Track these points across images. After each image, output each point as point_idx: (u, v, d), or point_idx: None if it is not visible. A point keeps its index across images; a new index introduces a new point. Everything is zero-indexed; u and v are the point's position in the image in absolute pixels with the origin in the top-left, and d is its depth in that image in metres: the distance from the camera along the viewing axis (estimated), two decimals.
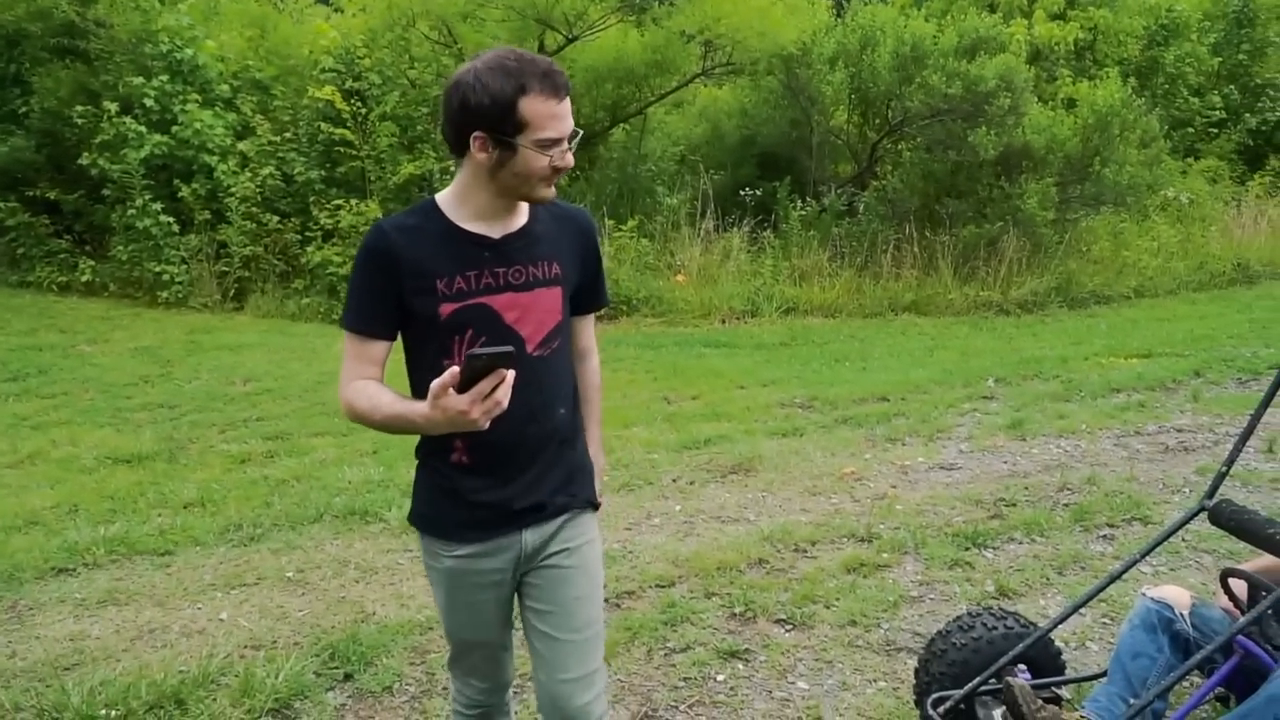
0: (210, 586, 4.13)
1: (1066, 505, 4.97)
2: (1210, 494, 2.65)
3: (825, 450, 5.93)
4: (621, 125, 12.82)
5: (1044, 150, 11.50)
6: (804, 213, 11.97)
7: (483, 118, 1.86)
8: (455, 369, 1.72)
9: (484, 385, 1.73)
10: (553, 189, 1.99)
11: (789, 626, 3.79)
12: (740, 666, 3.51)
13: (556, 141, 1.89)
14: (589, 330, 2.31)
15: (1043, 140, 11.45)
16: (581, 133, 1.97)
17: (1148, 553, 2.70)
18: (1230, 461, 2.64)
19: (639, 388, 7.44)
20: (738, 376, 7.86)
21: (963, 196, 11.78)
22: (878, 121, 12.99)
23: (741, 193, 12.41)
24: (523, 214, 2.05)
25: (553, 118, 1.87)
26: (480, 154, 1.90)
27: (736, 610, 3.88)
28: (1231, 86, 18.50)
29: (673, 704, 3.26)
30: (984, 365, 8.18)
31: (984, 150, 11.06)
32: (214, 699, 3.25)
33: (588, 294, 2.21)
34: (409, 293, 1.95)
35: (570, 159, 1.94)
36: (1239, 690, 2.62)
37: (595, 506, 2.26)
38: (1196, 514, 2.66)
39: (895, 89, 11.90)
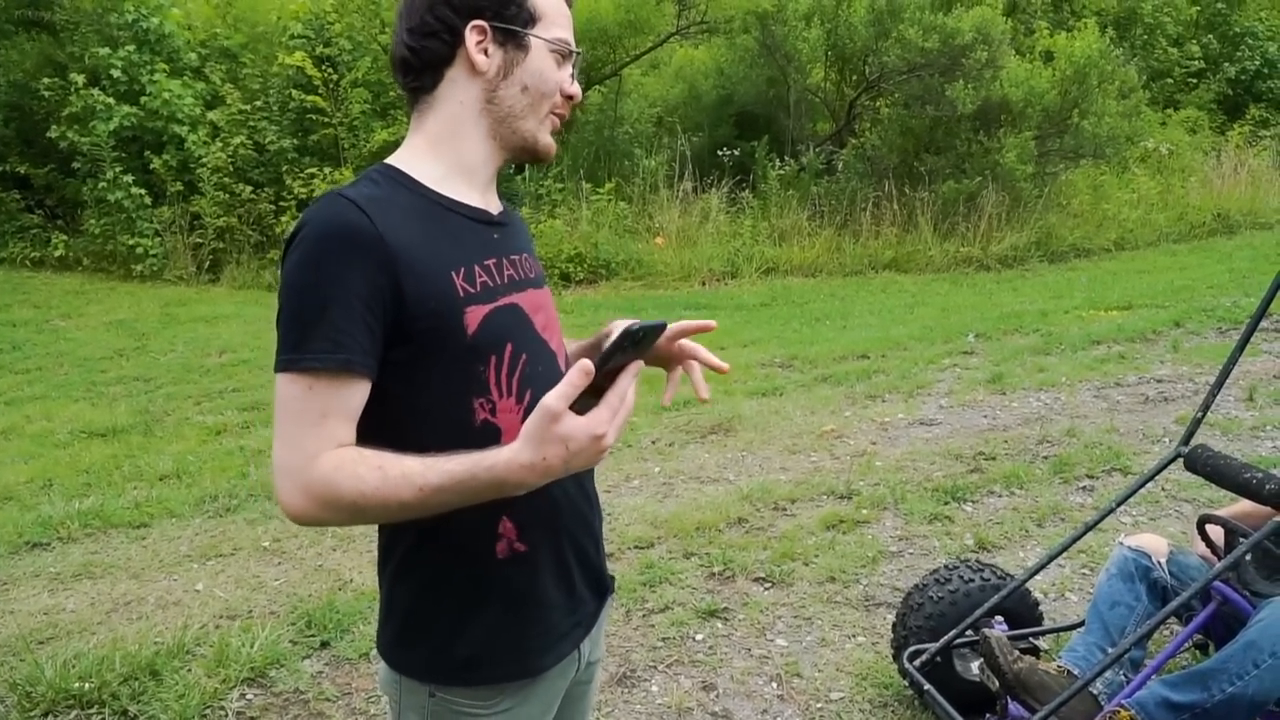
0: (186, 558, 4.08)
1: (1046, 458, 4.96)
2: (1186, 440, 2.62)
3: (805, 409, 5.90)
4: (597, 87, 12.65)
5: (1022, 104, 11.41)
6: (782, 172, 11.87)
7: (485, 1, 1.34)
8: (586, 364, 1.10)
9: (624, 384, 1.16)
10: (553, 140, 1.44)
11: (768, 584, 3.77)
12: (719, 625, 3.49)
13: (569, 54, 1.40)
14: None
15: (1021, 93, 11.35)
16: (581, 56, 1.48)
17: (1124, 501, 2.67)
18: (1206, 407, 2.61)
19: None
20: (718, 338, 7.80)
21: (941, 152, 11.69)
22: (855, 78, 12.86)
23: (719, 153, 12.29)
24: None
25: (565, 17, 1.40)
26: (479, 55, 1.34)
27: (715, 570, 3.86)
28: (1210, 36, 18.41)
29: (651, 664, 3.24)
30: (964, 321, 8.15)
31: (962, 105, 10.96)
32: (189, 669, 3.20)
33: None
34: (412, 297, 1.24)
35: (579, 89, 1.44)
36: (1217, 637, 2.61)
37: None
38: (1172, 460, 2.64)
39: (872, 44, 11.77)
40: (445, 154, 1.36)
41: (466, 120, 1.36)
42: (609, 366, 1.13)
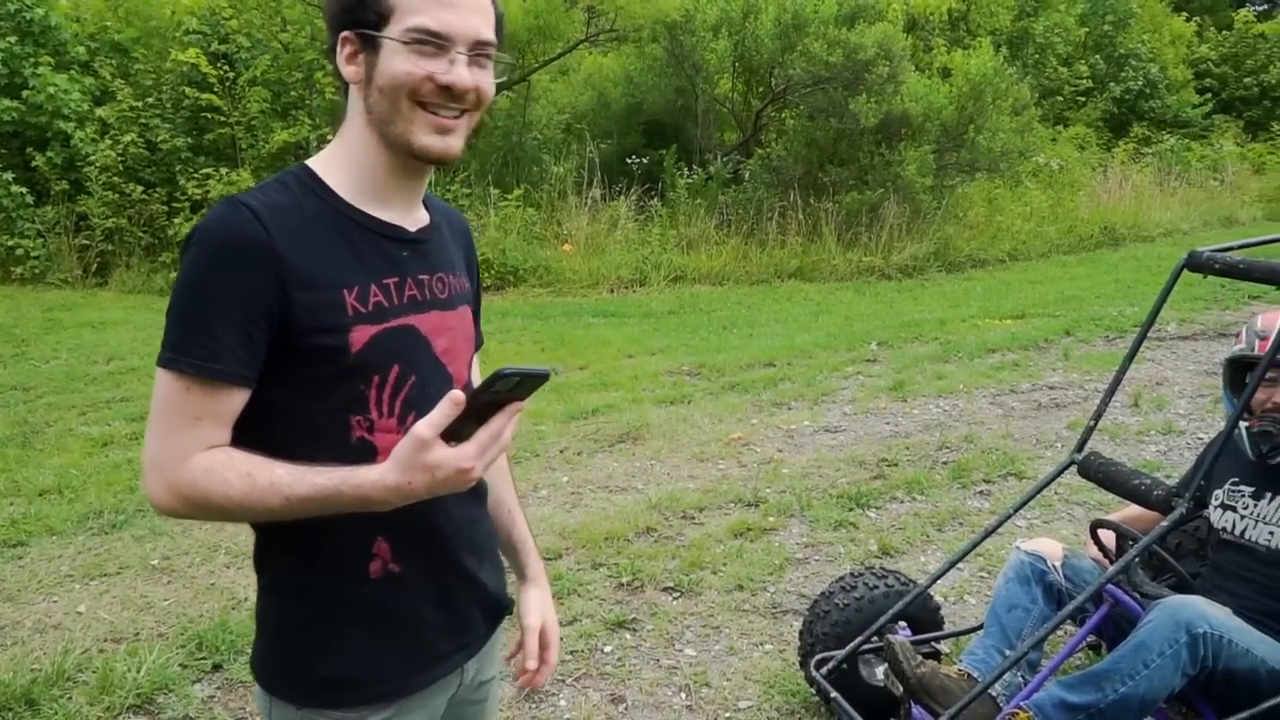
0: (67, 578, 3.88)
1: (945, 463, 5.08)
2: (1079, 448, 2.70)
3: (713, 417, 5.93)
4: (505, 93, 12.56)
5: (922, 118, 11.73)
6: (690, 181, 11.96)
7: (345, 6, 1.29)
8: (457, 395, 1.12)
9: (499, 424, 1.17)
10: (449, 140, 1.31)
11: (677, 594, 3.76)
12: (628, 636, 3.46)
13: (439, 38, 1.26)
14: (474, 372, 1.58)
15: (920, 108, 11.67)
16: (499, 52, 1.34)
17: (1020, 507, 2.74)
18: (1098, 415, 2.70)
19: (526, 359, 7.30)
20: (626, 345, 7.81)
21: (845, 164, 11.93)
22: (761, 89, 13.04)
23: (628, 161, 12.32)
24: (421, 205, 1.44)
25: (436, 2, 1.26)
26: (348, 66, 1.30)
27: (624, 580, 3.83)
28: (1097, 56, 19.24)
29: (559, 678, 3.20)
30: (867, 329, 8.32)
31: (864, 118, 11.21)
32: (69, 698, 3.04)
33: (475, 324, 1.53)
34: (299, 311, 1.24)
35: (465, 74, 1.28)
36: (1110, 638, 2.69)
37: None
38: (1067, 468, 2.72)
39: (778, 56, 11.94)
40: (353, 164, 1.34)
41: (361, 131, 1.33)
42: (483, 400, 1.14)
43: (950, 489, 4.74)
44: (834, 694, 2.58)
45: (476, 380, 1.52)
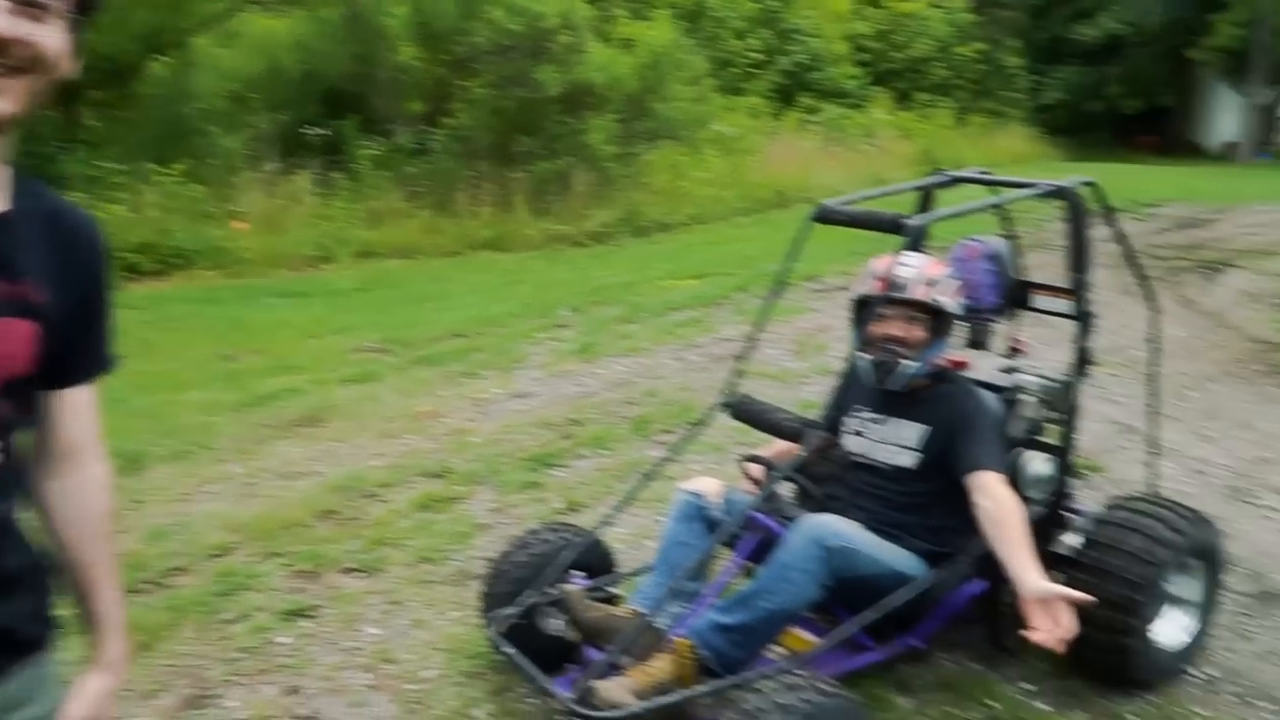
0: None
1: (628, 418, 5.29)
2: (727, 391, 2.89)
3: (401, 392, 5.81)
4: (160, 58, 11.55)
5: (605, 88, 12.04)
6: (375, 152, 11.59)
7: None
8: None
9: None
10: None
11: (359, 574, 3.67)
12: (306, 624, 3.34)
13: None
14: (85, 416, 1.37)
15: (603, 78, 11.97)
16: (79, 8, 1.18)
17: (678, 450, 2.90)
18: (743, 359, 2.89)
19: (193, 347, 6.78)
20: (309, 326, 7.47)
21: (533, 133, 12.02)
22: (445, 58, 12.84)
23: (306, 132, 11.72)
24: None
25: None
26: None
27: (302, 568, 3.68)
28: (767, 30, 20.54)
29: (228, 678, 3.02)
30: (559, 296, 8.47)
31: (549, 87, 11.34)
32: None
33: (81, 350, 1.32)
34: None
35: (2, 23, 1.12)
36: (762, 562, 2.90)
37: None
38: (717, 410, 2.90)
39: (460, 24, 11.80)
40: None
41: None
42: None
43: (632, 442, 4.95)
44: (508, 649, 2.62)
45: (72, 419, 1.35)
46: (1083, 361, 2.96)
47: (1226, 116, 27.71)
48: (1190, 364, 6.56)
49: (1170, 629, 3.09)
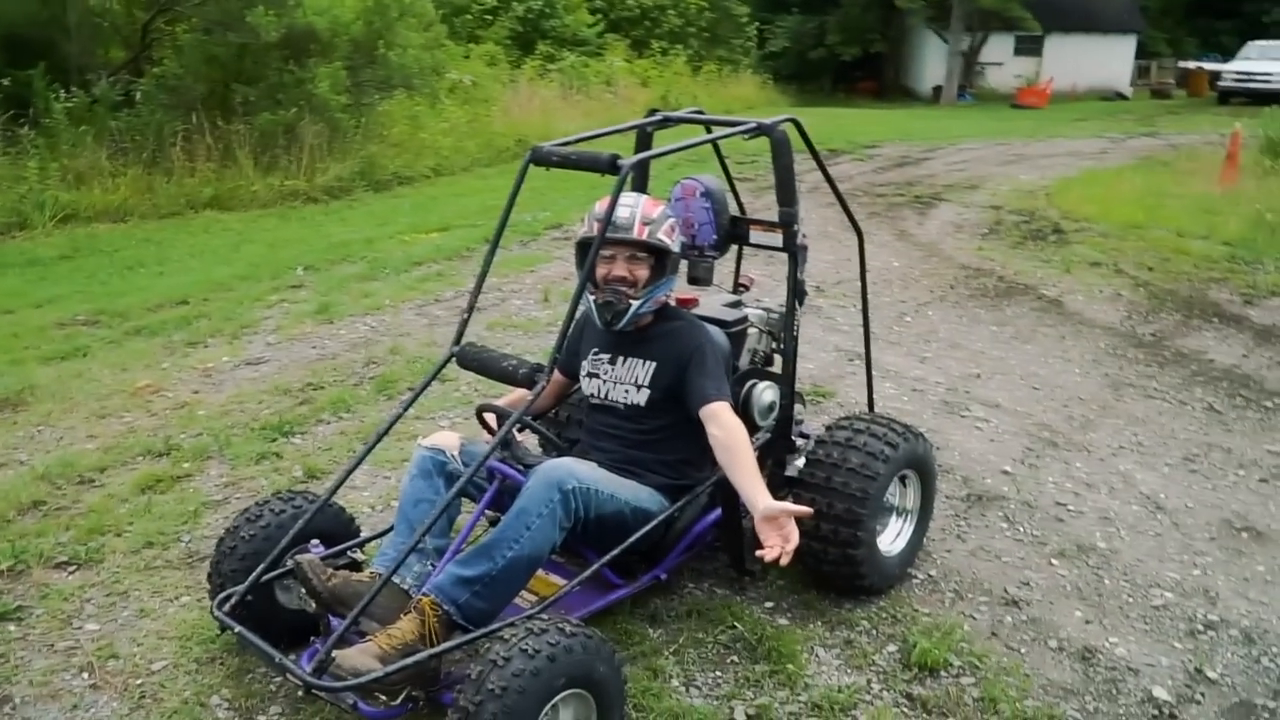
0: None
1: (372, 378, 5.13)
2: (456, 340, 2.84)
3: (115, 367, 5.34)
4: None
5: (329, 33, 11.42)
6: (71, 105, 10.47)
7: None
8: None
9: None
10: None
11: (73, 567, 3.36)
12: (12, 628, 3.03)
13: None
14: None
15: (325, 22, 11.35)
16: None
17: (409, 405, 2.83)
18: (470, 308, 2.85)
19: None
20: (2, 301, 6.72)
21: (253, 82, 11.24)
22: (145, 0, 11.76)
23: None
24: None
25: None
26: None
27: (3, 566, 3.33)
28: None
29: None
30: (293, 255, 8.04)
31: (265, 32, 10.62)
32: None
33: None
34: None
35: None
36: (505, 511, 2.90)
37: None
38: (447, 361, 2.85)
39: None
40: None
41: None
42: None
43: (376, 402, 4.81)
44: (238, 628, 2.48)
45: None
46: (796, 292, 3.12)
47: (934, 62, 30.10)
48: (907, 292, 7.11)
49: (894, 537, 3.38)
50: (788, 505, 2.56)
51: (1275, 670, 3.00)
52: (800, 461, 3.24)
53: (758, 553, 2.48)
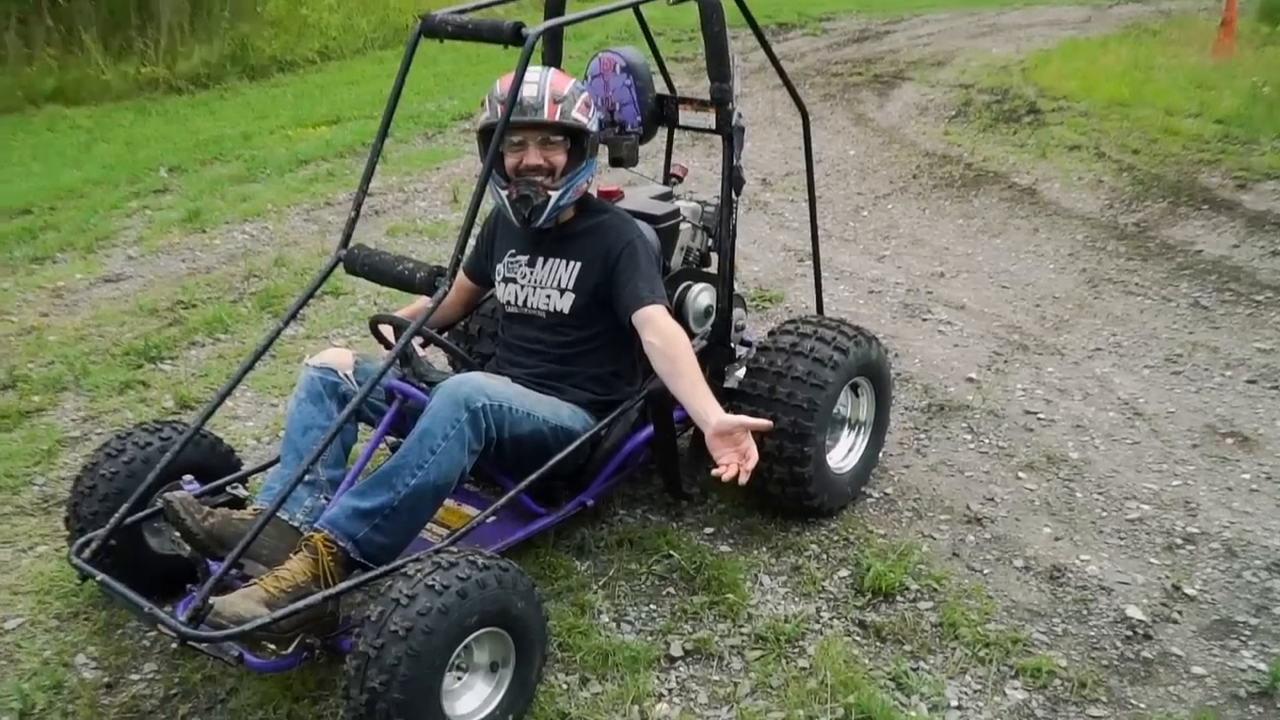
0: None
1: (253, 294, 5.07)
2: (344, 243, 2.80)
3: None
4: None
5: None
6: None
7: None
8: None
9: None
10: None
11: None
12: None
13: None
14: None
15: None
16: None
17: (290, 318, 2.79)
18: (357, 205, 2.81)
19: None
20: None
21: None
22: None
23: None
24: None
25: None
26: None
27: None
28: None
29: None
30: (155, 154, 7.81)
31: None
32: None
33: None
34: None
35: None
36: (409, 433, 2.90)
37: None
38: (334, 266, 2.81)
39: None
40: None
41: None
42: None
43: (259, 321, 4.76)
44: (100, 576, 2.46)
45: None
46: (733, 180, 3.11)
47: None
48: (864, 183, 7.16)
49: (845, 452, 3.45)
50: (744, 419, 2.60)
51: (1258, 585, 3.14)
52: (740, 372, 3.28)
53: (714, 471, 2.53)
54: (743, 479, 2.53)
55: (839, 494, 3.37)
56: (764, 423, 2.66)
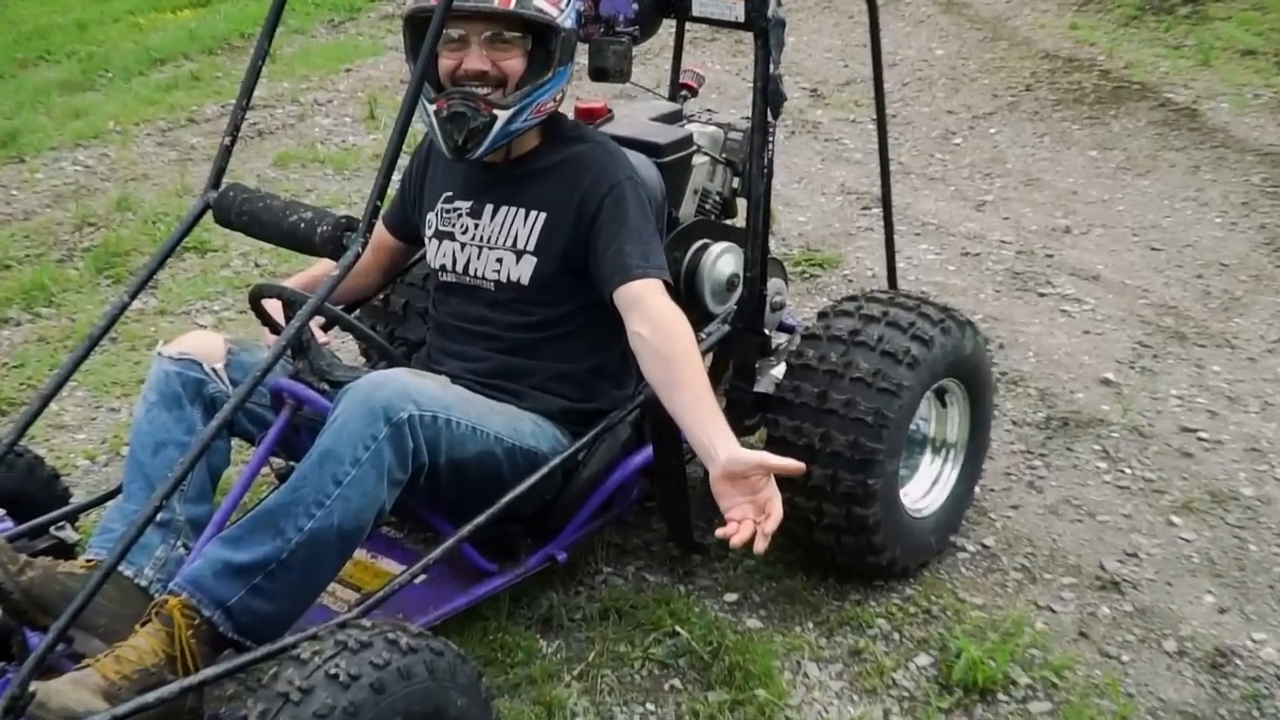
0: None
1: (87, 250, 5.12)
2: (214, 183, 2.76)
3: None
4: None
5: None
6: None
7: None
8: None
9: None
10: None
11: None
12: None
13: None
14: None
15: None
16: None
17: (139, 289, 2.75)
18: (234, 129, 2.75)
19: None
20: None
21: None
22: None
23: None
24: None
25: None
26: None
27: None
28: None
29: None
30: None
31: None
32: None
33: None
34: None
35: None
36: (305, 453, 2.86)
37: None
38: (200, 215, 2.77)
39: None
40: None
41: None
42: None
43: (96, 289, 4.82)
44: None
45: None
46: (768, 96, 3.08)
47: None
48: (957, 97, 7.15)
49: (927, 487, 3.44)
50: (764, 457, 2.55)
51: None
52: (778, 370, 3.26)
53: (718, 531, 2.49)
54: (759, 545, 2.46)
55: (917, 547, 3.36)
56: (794, 464, 2.58)
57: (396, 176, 2.86)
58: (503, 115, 2.79)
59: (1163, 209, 5.81)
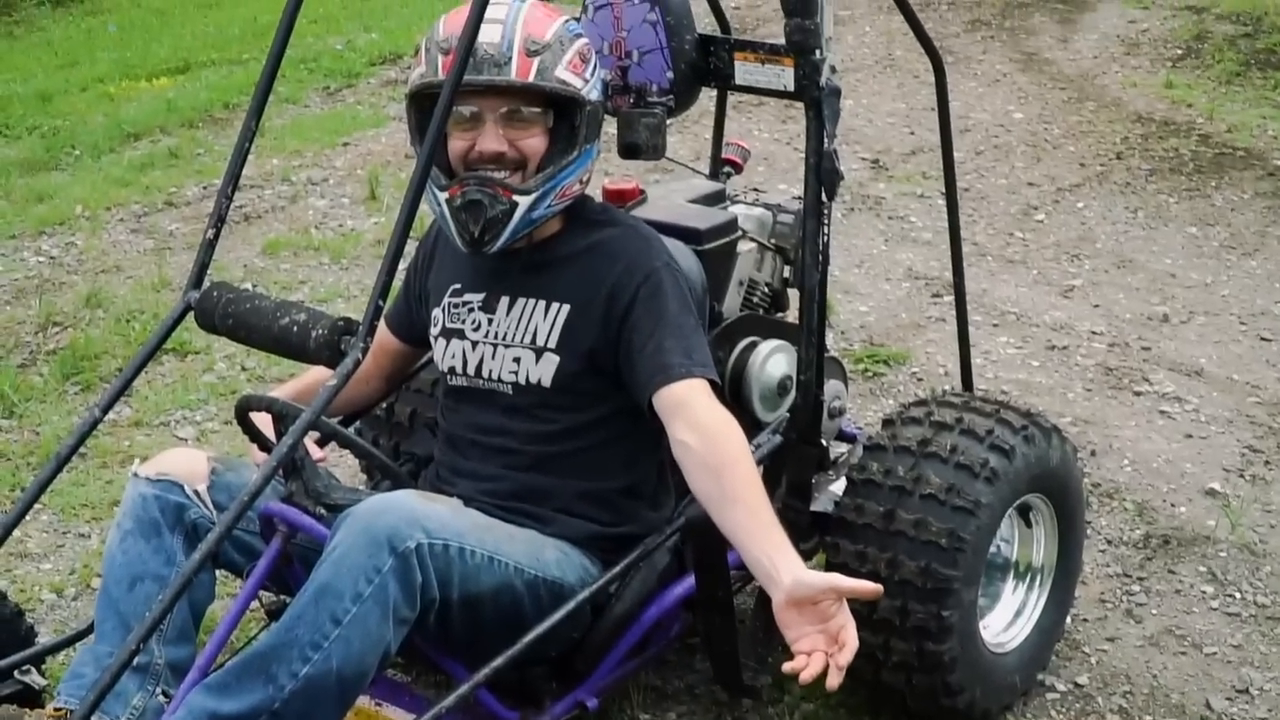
0: None
1: (51, 353, 5.16)
2: (196, 280, 2.79)
3: None
4: None
5: None
6: None
7: None
8: None
9: None
10: None
11: None
12: None
13: None
14: None
15: None
16: None
17: (114, 400, 2.79)
18: (218, 219, 2.80)
19: None
20: None
21: None
22: None
23: None
24: None
25: None
26: None
27: None
28: None
29: None
30: None
31: None
32: None
33: None
34: None
35: None
36: (300, 586, 2.88)
37: None
38: (181, 317, 2.80)
39: None
40: None
41: None
42: None
43: (61, 399, 4.85)
44: None
45: None
46: (822, 174, 3.09)
47: None
48: (1038, 167, 7.18)
49: (1010, 618, 3.42)
50: (837, 579, 2.54)
51: None
52: (838, 486, 3.26)
53: (785, 666, 2.48)
54: (832, 680, 2.44)
55: (1000, 687, 3.34)
56: (870, 586, 2.57)
57: (402, 267, 2.87)
58: (524, 202, 2.79)
59: (1274, 293, 5.80)
